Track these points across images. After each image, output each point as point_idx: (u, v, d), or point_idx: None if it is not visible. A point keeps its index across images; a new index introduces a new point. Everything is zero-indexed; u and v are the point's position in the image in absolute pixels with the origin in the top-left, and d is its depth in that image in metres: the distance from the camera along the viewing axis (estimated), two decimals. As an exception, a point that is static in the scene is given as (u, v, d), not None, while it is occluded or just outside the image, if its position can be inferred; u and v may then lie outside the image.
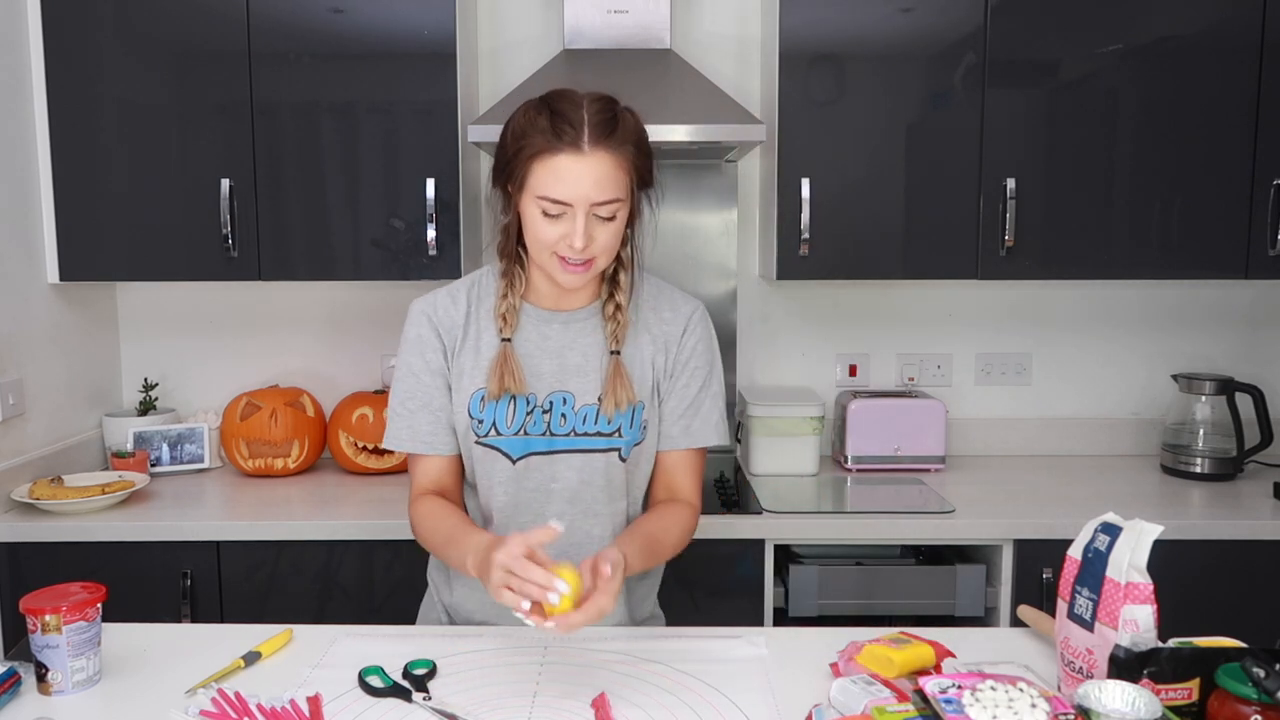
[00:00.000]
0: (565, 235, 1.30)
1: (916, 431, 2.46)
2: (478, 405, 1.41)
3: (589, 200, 1.28)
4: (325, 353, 2.65)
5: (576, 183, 1.28)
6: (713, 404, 1.48)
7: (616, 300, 1.43)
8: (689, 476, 1.49)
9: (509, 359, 1.39)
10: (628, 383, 1.41)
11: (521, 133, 1.31)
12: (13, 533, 2.03)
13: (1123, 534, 1.12)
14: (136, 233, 2.26)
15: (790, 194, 2.26)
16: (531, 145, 1.29)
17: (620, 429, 1.42)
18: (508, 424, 1.41)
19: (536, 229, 1.32)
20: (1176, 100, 2.23)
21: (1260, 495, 2.25)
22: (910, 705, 1.02)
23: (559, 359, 1.42)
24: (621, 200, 1.31)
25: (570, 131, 1.27)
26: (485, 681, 1.25)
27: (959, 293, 2.65)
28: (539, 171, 1.29)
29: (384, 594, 2.09)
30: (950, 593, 2.11)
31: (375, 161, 2.25)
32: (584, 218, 1.29)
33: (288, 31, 2.20)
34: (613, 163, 1.29)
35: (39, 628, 1.19)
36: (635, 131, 1.33)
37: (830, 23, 2.23)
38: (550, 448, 1.42)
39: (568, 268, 1.33)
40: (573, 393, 1.42)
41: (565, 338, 1.43)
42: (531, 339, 1.43)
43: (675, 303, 1.48)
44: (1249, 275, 2.27)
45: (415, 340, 1.46)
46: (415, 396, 1.45)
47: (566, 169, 1.27)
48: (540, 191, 1.29)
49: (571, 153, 1.27)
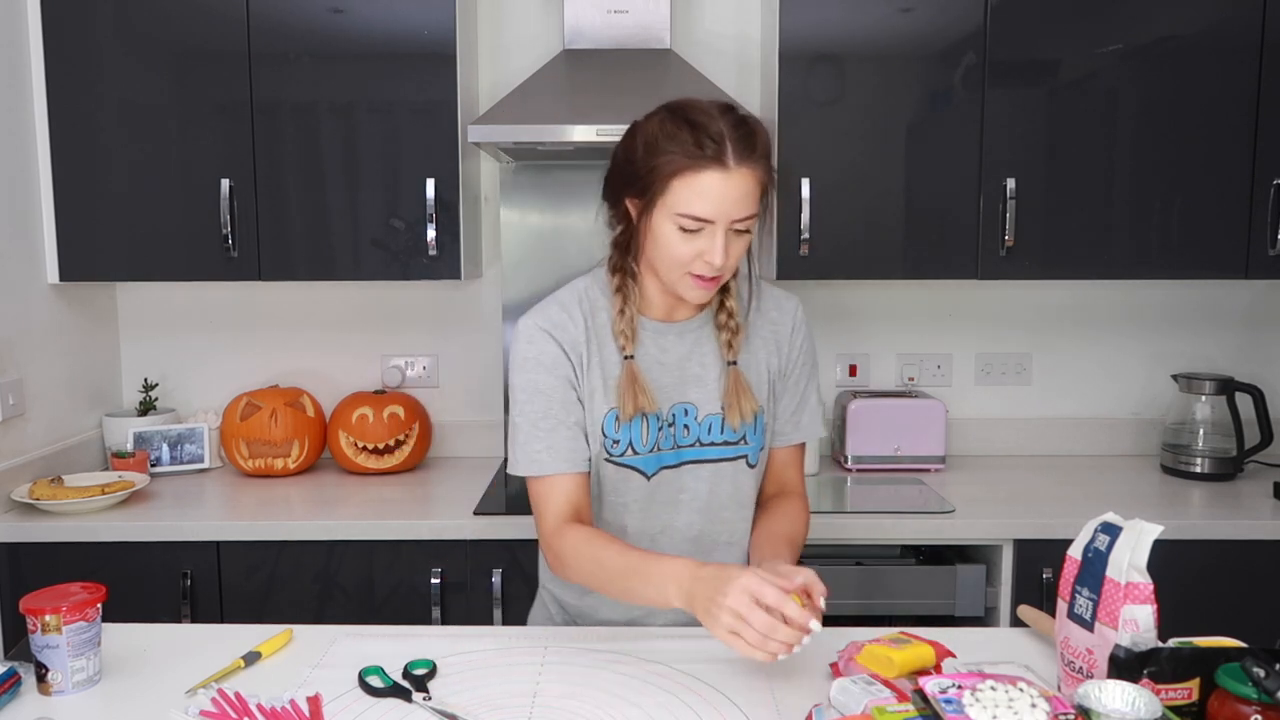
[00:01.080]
0: (702, 252, 1.27)
1: (916, 431, 2.46)
2: (612, 425, 1.39)
3: (730, 217, 1.25)
4: (325, 353, 2.65)
5: (721, 200, 1.24)
6: (817, 397, 1.51)
7: (729, 308, 1.41)
8: (797, 469, 1.53)
9: (637, 378, 1.37)
10: (749, 392, 1.40)
11: (657, 147, 1.26)
12: (13, 533, 2.03)
13: (1123, 534, 1.12)
14: (136, 233, 2.26)
15: (790, 194, 2.26)
16: (671, 161, 1.24)
17: (745, 436, 1.42)
18: (643, 442, 1.39)
19: (671, 246, 1.28)
20: (1176, 100, 2.23)
21: (1260, 495, 2.25)
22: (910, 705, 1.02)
23: (679, 370, 1.41)
24: (758, 215, 1.29)
25: (713, 146, 1.23)
26: (485, 681, 1.25)
27: (959, 293, 2.65)
28: (679, 189, 1.25)
29: (384, 594, 2.09)
30: (950, 593, 2.11)
31: (375, 161, 2.25)
32: (723, 235, 1.26)
33: (288, 31, 2.20)
34: (753, 178, 1.26)
35: (39, 628, 1.19)
36: (767, 143, 1.30)
37: (830, 23, 2.23)
38: (679, 460, 1.42)
39: (700, 284, 1.30)
40: (694, 403, 1.40)
41: (682, 348, 1.41)
42: (651, 353, 1.40)
43: (779, 301, 1.47)
44: (1249, 275, 2.27)
45: (538, 357, 1.38)
46: (550, 415, 1.37)
47: (711, 186, 1.23)
48: (681, 209, 1.25)
49: (717, 169, 1.23)
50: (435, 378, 2.66)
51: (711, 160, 1.23)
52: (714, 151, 1.23)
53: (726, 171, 1.24)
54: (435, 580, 2.06)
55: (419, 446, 2.49)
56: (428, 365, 2.66)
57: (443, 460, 2.62)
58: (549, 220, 2.59)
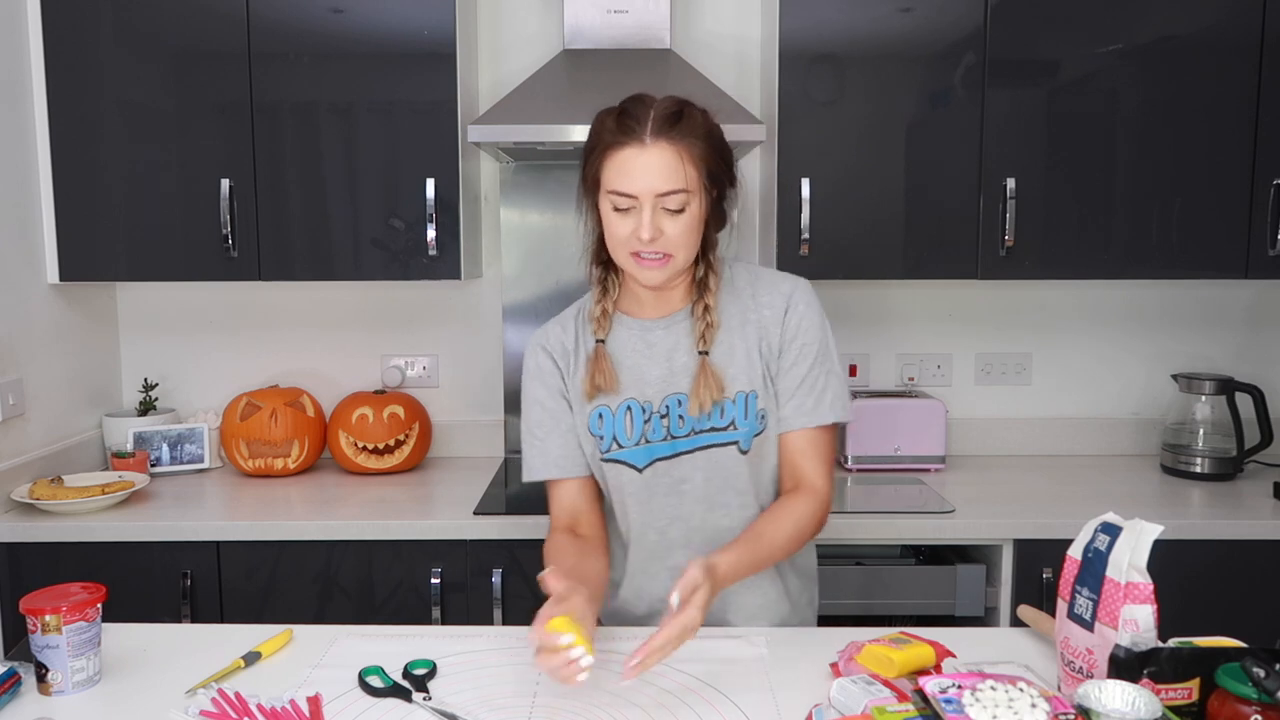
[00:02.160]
0: (635, 229, 1.33)
1: (916, 431, 2.46)
2: (595, 423, 1.44)
3: (653, 191, 1.31)
4: (325, 353, 2.65)
5: (641, 174, 1.31)
6: (828, 381, 1.45)
7: (705, 302, 1.44)
8: (811, 460, 1.44)
9: (601, 358, 1.43)
10: (715, 382, 1.41)
11: (594, 135, 1.37)
12: (13, 533, 2.03)
13: (1123, 534, 1.12)
14: (136, 233, 2.26)
15: (790, 194, 2.26)
16: (601, 144, 1.34)
17: (734, 421, 1.42)
18: (627, 435, 1.43)
19: (611, 226, 1.36)
20: (1176, 100, 2.23)
21: (1260, 495, 2.25)
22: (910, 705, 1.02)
23: (667, 363, 1.44)
24: (688, 191, 1.33)
25: (635, 126, 1.32)
26: (485, 681, 1.25)
27: (959, 293, 2.65)
28: (608, 169, 1.34)
29: (384, 594, 2.09)
30: (950, 593, 2.11)
31: (375, 161, 2.25)
32: (650, 210, 1.32)
33: (288, 31, 2.20)
34: (675, 154, 1.32)
35: (39, 628, 1.19)
36: (704, 126, 1.36)
37: (830, 23, 2.23)
38: (674, 450, 1.43)
39: (643, 263, 1.35)
40: (685, 394, 1.43)
41: (669, 341, 1.45)
42: (636, 348, 1.45)
43: (774, 284, 1.48)
44: (1249, 275, 2.27)
45: (534, 370, 1.50)
46: (543, 424, 1.48)
47: (630, 162, 1.32)
48: (609, 186, 1.34)
49: (635, 145, 1.32)
50: (435, 378, 2.66)
51: (630, 137, 1.32)
52: (634, 131, 1.32)
53: (643, 147, 1.31)
54: (435, 580, 2.06)
55: (419, 446, 2.49)
56: (428, 365, 2.66)
57: (443, 460, 2.62)
58: (549, 220, 2.59)
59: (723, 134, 1.39)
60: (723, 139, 1.39)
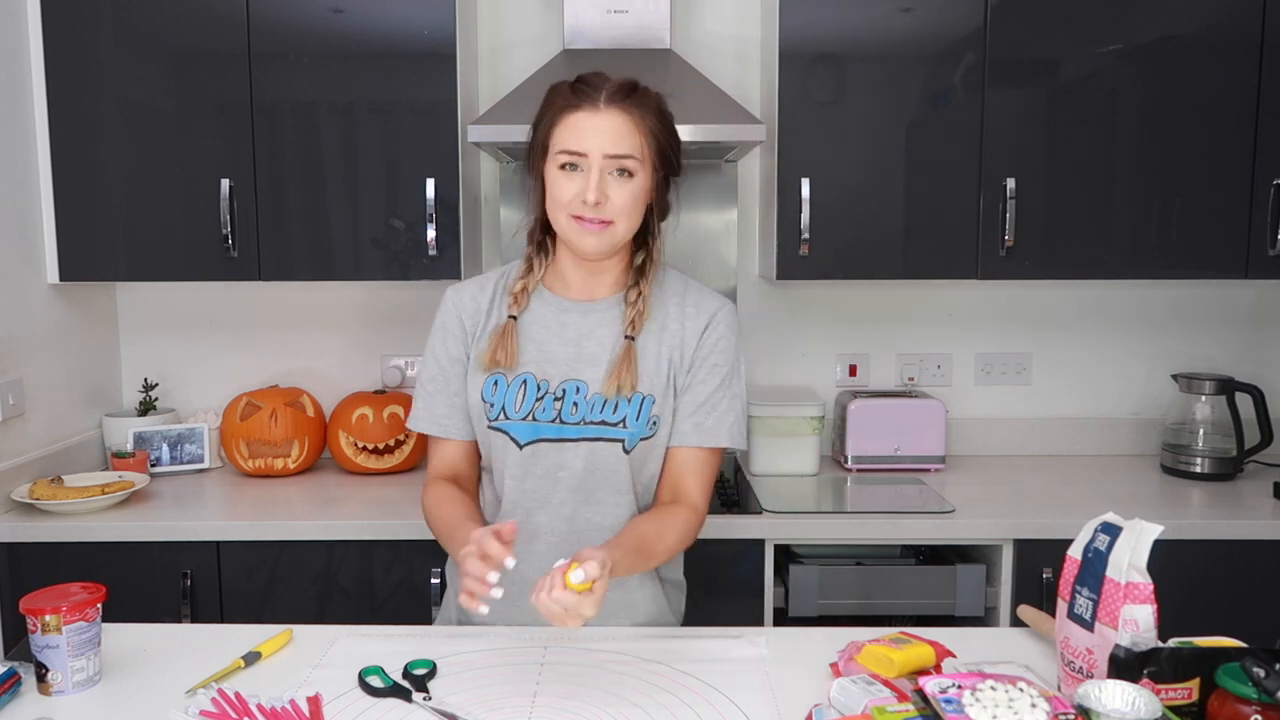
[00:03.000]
0: (581, 191, 1.34)
1: (916, 431, 2.46)
2: (490, 389, 1.43)
3: (603, 151, 1.33)
4: (325, 353, 2.65)
5: (592, 135, 1.33)
6: (729, 405, 1.45)
7: (640, 289, 1.45)
8: (696, 478, 1.44)
9: (508, 334, 1.43)
10: (634, 369, 1.40)
11: (547, 104, 1.38)
12: (13, 533, 2.03)
13: (1123, 534, 1.12)
14: (136, 233, 2.26)
15: (790, 194, 2.26)
16: (553, 110, 1.36)
17: (625, 419, 1.41)
18: (516, 408, 1.42)
19: (555, 189, 1.36)
20: (1176, 100, 2.23)
21: (1260, 495, 2.25)
22: (910, 705, 1.02)
23: (575, 346, 1.43)
24: (637, 159, 1.35)
25: (589, 92, 1.34)
26: (485, 681, 1.25)
27: (959, 293, 2.66)
28: (559, 131, 1.35)
29: (384, 594, 2.09)
30: (950, 593, 2.11)
31: (375, 161, 2.25)
32: (598, 172, 1.33)
33: (288, 31, 2.20)
34: (628, 121, 1.34)
35: (39, 628, 1.19)
36: (656, 103, 1.39)
37: (830, 23, 2.23)
38: (559, 435, 1.42)
39: (585, 225, 1.35)
40: (586, 381, 1.42)
41: (584, 326, 1.44)
42: (549, 325, 1.45)
43: (702, 299, 1.48)
44: (1249, 275, 2.27)
45: (440, 326, 1.50)
46: (435, 379, 1.49)
47: (582, 122, 1.33)
48: (559, 146, 1.35)
49: (589, 109, 1.34)
50: (435, 378, 2.66)
51: (584, 100, 1.34)
52: (588, 96, 1.34)
53: (596, 110, 1.34)
54: (435, 580, 2.06)
55: (419, 446, 2.49)
56: (428, 365, 2.66)
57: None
58: (549, 220, 2.59)
59: (673, 121, 1.41)
60: (673, 124, 1.41)
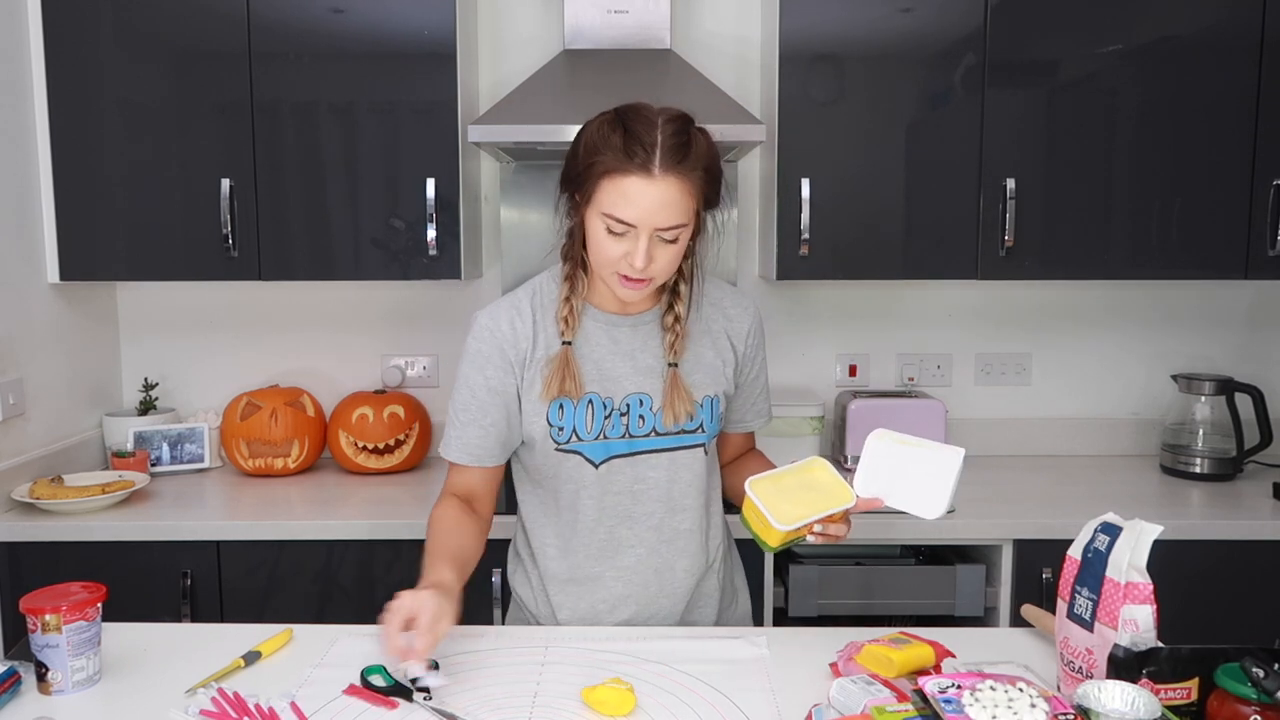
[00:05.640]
0: (627, 254, 1.31)
1: (916, 431, 2.43)
2: (555, 413, 1.42)
3: (653, 225, 1.29)
4: (325, 353, 2.65)
5: (643, 206, 1.28)
6: (765, 388, 1.61)
7: (676, 311, 1.44)
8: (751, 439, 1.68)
9: (570, 363, 1.41)
10: (685, 395, 1.43)
11: (594, 147, 1.30)
12: (13, 532, 2.03)
13: (1122, 534, 1.12)
14: (136, 233, 2.26)
15: (790, 194, 2.26)
16: (602, 163, 1.29)
17: (703, 424, 1.45)
18: (587, 429, 1.42)
19: (600, 245, 1.33)
20: (1176, 100, 2.23)
21: (1260, 495, 2.25)
22: (910, 705, 1.02)
23: (632, 360, 1.44)
24: (685, 225, 1.32)
25: (641, 154, 1.27)
26: (485, 681, 1.25)
27: (959, 293, 2.66)
28: (607, 189, 1.29)
29: (384, 594, 2.06)
30: (950, 593, 2.11)
31: (375, 161, 2.25)
32: (646, 239, 1.30)
33: (288, 31, 2.20)
34: (680, 188, 1.29)
35: (39, 627, 1.19)
36: (707, 155, 1.32)
37: (830, 23, 2.23)
38: (631, 449, 1.43)
39: (626, 284, 1.34)
40: (649, 394, 1.43)
41: (635, 340, 1.45)
42: (603, 343, 1.44)
43: (738, 300, 1.53)
44: (1249, 275, 2.27)
45: (476, 355, 1.46)
46: (469, 409, 1.46)
47: (635, 191, 1.28)
48: (606, 209, 1.30)
49: (641, 175, 1.27)
50: (435, 378, 2.66)
51: (638, 167, 1.27)
52: (641, 159, 1.27)
53: (650, 178, 1.27)
54: (435, 580, 2.06)
55: (419, 446, 2.49)
56: (428, 365, 2.66)
57: (443, 460, 2.60)
58: (549, 220, 2.57)
59: (719, 155, 1.36)
60: (719, 161, 1.36)
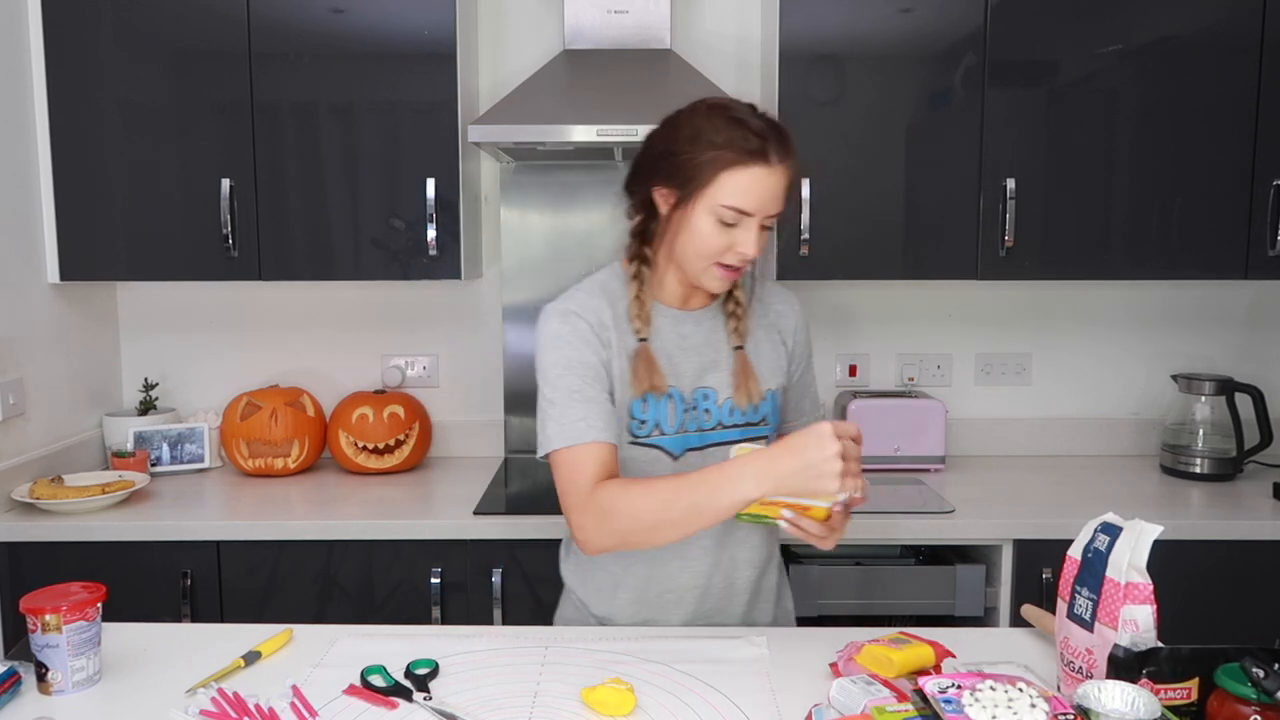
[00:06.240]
0: (735, 244, 1.33)
1: (916, 431, 2.46)
2: (639, 407, 1.41)
3: (767, 211, 1.33)
4: (325, 353, 2.65)
5: (764, 195, 1.31)
6: (813, 382, 1.61)
7: (736, 296, 1.46)
8: None
9: (652, 360, 1.41)
10: (754, 376, 1.45)
11: (703, 140, 1.31)
12: (13, 532, 2.03)
13: (1122, 534, 1.12)
14: (136, 232, 2.26)
15: (790, 194, 2.25)
16: (720, 156, 1.30)
17: (766, 417, 1.47)
18: (669, 423, 1.42)
19: (706, 237, 1.33)
20: (1176, 100, 2.23)
21: (1260, 495, 2.25)
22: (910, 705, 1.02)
23: (699, 356, 1.45)
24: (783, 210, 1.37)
25: (759, 142, 1.30)
26: (485, 681, 1.25)
27: (959, 293, 2.66)
28: (726, 182, 1.30)
29: (384, 594, 2.09)
30: (950, 593, 2.11)
31: (375, 161, 2.26)
32: (758, 227, 1.33)
33: (288, 31, 2.21)
34: (788, 177, 1.34)
35: (39, 627, 1.19)
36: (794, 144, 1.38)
37: (830, 23, 2.23)
38: (703, 442, 1.44)
39: (726, 274, 1.36)
40: (714, 388, 1.45)
41: (700, 335, 1.46)
42: (671, 339, 1.44)
43: (783, 296, 1.55)
44: (1248, 275, 2.27)
45: (570, 335, 1.38)
46: (585, 388, 1.36)
47: (757, 181, 1.30)
48: (725, 201, 1.31)
49: (762, 165, 1.30)
50: (435, 378, 2.67)
51: (758, 156, 1.30)
52: (759, 147, 1.30)
53: (770, 167, 1.31)
54: (435, 580, 2.06)
55: (419, 446, 2.49)
56: (428, 365, 2.66)
57: (443, 460, 2.62)
58: (549, 220, 2.59)
59: None
60: None
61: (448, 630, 1.45)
